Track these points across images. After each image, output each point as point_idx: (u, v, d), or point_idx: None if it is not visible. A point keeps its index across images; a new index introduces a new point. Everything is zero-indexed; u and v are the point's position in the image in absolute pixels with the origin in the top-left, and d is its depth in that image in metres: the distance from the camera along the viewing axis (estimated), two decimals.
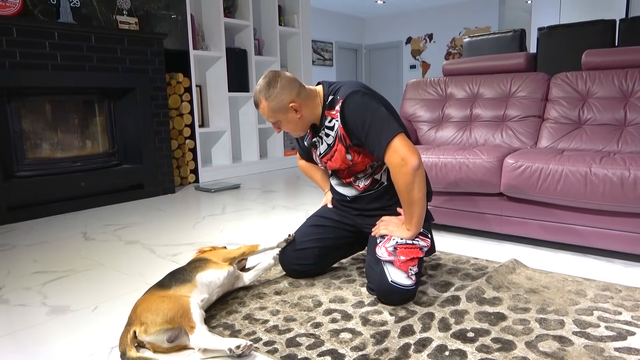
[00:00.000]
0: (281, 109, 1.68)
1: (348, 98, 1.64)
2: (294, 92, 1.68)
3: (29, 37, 3.08)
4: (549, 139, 2.57)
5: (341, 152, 1.74)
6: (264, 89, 1.67)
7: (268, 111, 1.69)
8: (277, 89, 1.67)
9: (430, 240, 1.74)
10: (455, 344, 1.37)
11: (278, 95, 1.66)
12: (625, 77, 2.48)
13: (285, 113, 1.69)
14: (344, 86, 1.70)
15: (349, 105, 1.63)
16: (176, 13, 4.25)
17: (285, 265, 1.91)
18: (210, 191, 4.03)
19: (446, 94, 3.06)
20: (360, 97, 1.64)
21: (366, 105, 1.63)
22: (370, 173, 1.79)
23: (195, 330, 1.32)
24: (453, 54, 9.19)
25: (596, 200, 2.00)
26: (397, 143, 1.57)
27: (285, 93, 1.67)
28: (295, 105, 1.68)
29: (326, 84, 1.78)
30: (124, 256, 2.33)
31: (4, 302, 1.81)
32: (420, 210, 1.62)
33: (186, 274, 1.55)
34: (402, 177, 1.57)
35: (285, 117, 1.70)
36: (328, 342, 1.39)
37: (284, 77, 1.69)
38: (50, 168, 3.36)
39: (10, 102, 3.16)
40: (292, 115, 1.70)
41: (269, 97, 1.67)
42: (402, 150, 1.56)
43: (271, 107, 1.68)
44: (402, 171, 1.56)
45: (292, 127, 1.75)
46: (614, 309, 1.57)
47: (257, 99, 1.70)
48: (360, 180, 1.81)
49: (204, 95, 4.78)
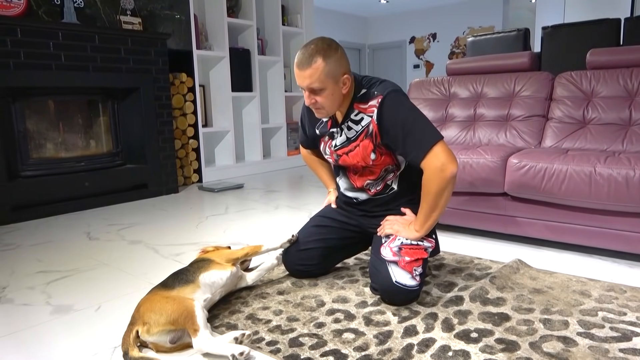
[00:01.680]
0: (335, 76, 1.57)
1: (388, 96, 1.59)
2: (349, 65, 1.62)
3: (33, 37, 3.09)
4: (553, 138, 2.56)
5: (367, 149, 1.68)
6: (324, 48, 1.54)
7: (321, 73, 1.54)
8: (338, 54, 1.57)
9: (434, 241, 1.74)
10: (458, 344, 1.36)
11: (338, 60, 1.56)
12: (630, 76, 2.47)
13: (336, 82, 1.58)
14: (382, 83, 1.65)
15: (389, 104, 1.59)
16: (179, 13, 4.26)
17: (288, 265, 1.91)
18: (213, 191, 4.03)
19: (450, 93, 3.05)
20: (402, 97, 1.61)
21: (408, 106, 1.60)
22: (383, 177, 1.76)
23: (199, 333, 1.32)
24: (457, 53, 9.17)
25: (601, 200, 1.99)
26: (439, 148, 1.55)
27: (344, 61, 1.59)
28: (347, 78, 1.60)
29: (357, 75, 1.70)
30: (127, 256, 2.34)
31: (8, 301, 1.81)
32: (437, 216, 1.62)
33: (189, 274, 1.55)
34: (437, 182, 1.54)
35: (334, 86, 1.58)
36: (331, 342, 1.39)
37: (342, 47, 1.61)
38: (54, 168, 3.37)
39: (15, 102, 3.17)
40: (339, 87, 1.60)
41: (328, 58, 1.54)
42: (444, 156, 1.54)
43: (327, 70, 1.54)
44: (440, 176, 1.54)
45: (330, 102, 1.61)
46: (619, 309, 1.56)
47: (310, 58, 1.54)
48: (372, 185, 1.79)
49: (208, 95, 4.78)
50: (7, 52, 2.99)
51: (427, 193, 1.59)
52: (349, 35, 9.88)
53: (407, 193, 1.79)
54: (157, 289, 1.49)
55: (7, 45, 2.99)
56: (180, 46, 4.27)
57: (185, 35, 4.30)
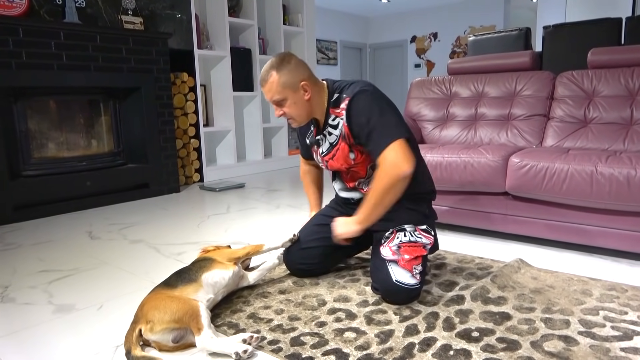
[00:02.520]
0: (292, 85, 1.64)
1: (355, 97, 1.63)
2: (306, 73, 1.67)
3: (35, 37, 3.10)
4: (554, 137, 2.56)
5: (344, 151, 1.73)
6: (277, 63, 1.63)
7: (277, 86, 1.63)
8: (292, 65, 1.64)
9: (433, 238, 1.74)
10: (459, 343, 1.36)
11: (292, 71, 1.63)
12: (631, 75, 2.46)
13: (295, 91, 1.65)
14: (351, 85, 1.69)
15: (356, 104, 1.62)
16: (181, 13, 4.26)
17: (289, 264, 1.91)
18: (214, 190, 4.03)
19: (451, 92, 3.05)
20: (367, 96, 1.63)
21: (372, 104, 1.62)
22: (371, 175, 1.77)
23: (203, 332, 1.33)
24: (458, 52, 9.16)
25: (602, 200, 1.99)
26: (398, 146, 1.55)
27: (300, 70, 1.65)
28: (306, 85, 1.65)
29: (330, 81, 1.76)
30: (129, 255, 2.34)
31: (10, 300, 1.82)
32: (380, 214, 1.62)
33: (192, 273, 1.56)
34: (386, 179, 1.55)
35: (294, 95, 1.65)
36: (332, 342, 1.39)
37: (297, 57, 1.68)
38: (56, 167, 3.38)
39: (17, 102, 3.18)
40: (300, 94, 1.66)
41: (281, 70, 1.63)
42: (400, 154, 1.54)
43: (282, 81, 1.63)
44: (390, 173, 1.54)
45: (295, 110, 1.68)
46: (620, 308, 1.56)
47: (266, 73, 1.64)
48: (363, 184, 1.81)
49: (209, 95, 4.79)
50: (9, 52, 2.99)
51: (375, 188, 1.59)
52: (350, 34, 9.88)
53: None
54: (160, 288, 1.50)
55: (9, 45, 2.99)
56: (181, 46, 4.27)
57: (187, 34, 4.30)
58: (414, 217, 1.74)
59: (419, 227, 1.72)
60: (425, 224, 1.75)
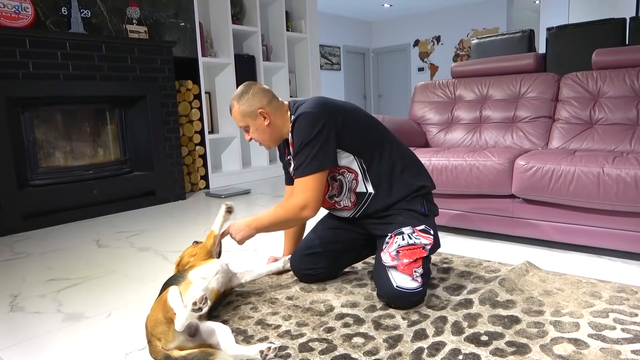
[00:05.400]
0: (250, 114, 1.76)
1: (298, 117, 1.69)
2: (265, 100, 1.77)
3: (41, 47, 3.13)
4: (560, 139, 2.55)
5: None
6: (237, 95, 1.78)
7: (238, 115, 1.78)
8: (249, 95, 1.77)
9: (433, 237, 1.71)
10: (469, 347, 1.36)
11: (249, 100, 1.76)
12: (636, 75, 2.46)
13: (254, 118, 1.77)
14: (303, 104, 1.74)
15: (298, 124, 1.69)
16: (185, 21, 4.30)
17: (296, 270, 1.91)
18: (220, 197, 4.05)
19: (455, 96, 3.05)
20: (306, 118, 1.67)
21: (307, 128, 1.66)
22: (349, 189, 1.76)
23: (177, 315, 1.26)
24: (461, 55, 9.17)
25: (610, 201, 1.98)
26: (311, 183, 1.66)
27: (257, 99, 1.76)
28: (263, 112, 1.76)
29: (292, 102, 1.83)
30: (136, 263, 2.35)
31: (20, 309, 1.83)
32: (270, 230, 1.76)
33: (179, 276, 1.55)
34: (288, 215, 1.69)
35: (254, 122, 1.77)
36: (341, 347, 1.39)
37: (258, 86, 1.80)
38: (63, 176, 3.40)
39: (24, 112, 3.21)
40: (260, 121, 1.77)
41: (240, 101, 1.77)
42: (310, 195, 1.66)
43: (241, 110, 1.76)
44: (292, 213, 1.68)
45: (260, 135, 1.80)
46: (630, 310, 1.55)
47: (231, 104, 1.80)
48: (342, 201, 1.79)
49: (214, 102, 4.81)
50: (16, 62, 3.03)
51: (278, 213, 1.71)
52: (352, 39, 9.91)
53: (389, 188, 1.74)
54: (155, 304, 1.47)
55: (16, 56, 3.03)
56: (185, 54, 4.30)
57: (191, 42, 4.33)
58: (411, 218, 1.72)
59: (416, 228, 1.70)
60: (424, 223, 1.72)
